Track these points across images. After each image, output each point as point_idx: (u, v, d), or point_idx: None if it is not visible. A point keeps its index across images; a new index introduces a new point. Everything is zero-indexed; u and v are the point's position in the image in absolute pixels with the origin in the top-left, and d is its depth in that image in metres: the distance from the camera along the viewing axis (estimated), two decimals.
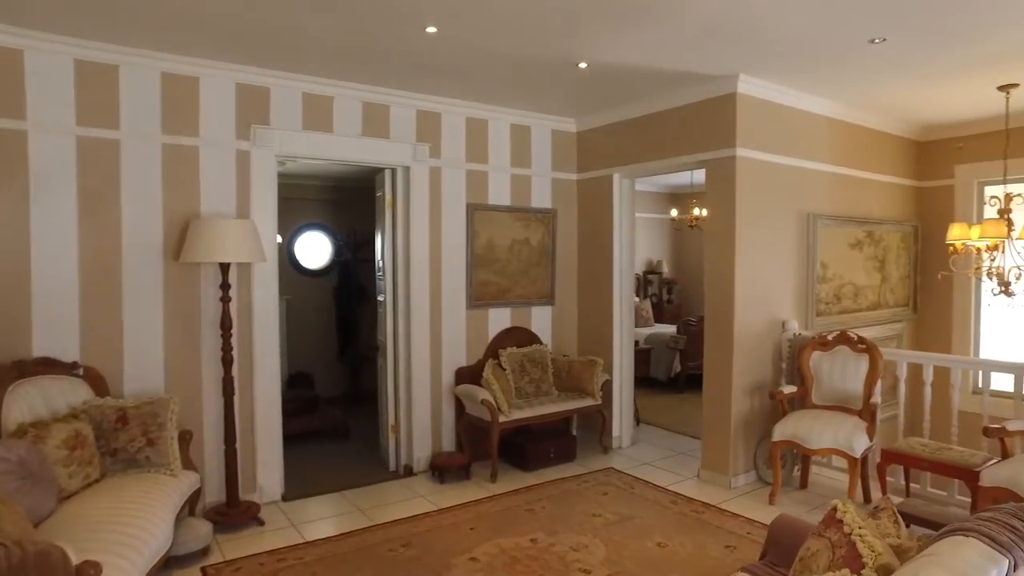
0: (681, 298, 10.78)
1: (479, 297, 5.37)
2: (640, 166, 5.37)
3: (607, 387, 5.51)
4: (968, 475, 3.78)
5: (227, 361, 4.01)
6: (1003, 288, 4.98)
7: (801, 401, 4.68)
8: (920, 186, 6.40)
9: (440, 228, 5.13)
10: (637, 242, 6.45)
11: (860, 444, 4.12)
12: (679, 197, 10.09)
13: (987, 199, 5.09)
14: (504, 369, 5.24)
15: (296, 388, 6.52)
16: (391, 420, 5.18)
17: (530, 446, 5.13)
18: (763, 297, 4.87)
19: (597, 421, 5.52)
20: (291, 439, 4.91)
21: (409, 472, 5.04)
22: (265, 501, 4.34)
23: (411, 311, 5.02)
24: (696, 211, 8.17)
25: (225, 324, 3.98)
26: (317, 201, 7.81)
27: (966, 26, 3.66)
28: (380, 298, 5.32)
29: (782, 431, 4.36)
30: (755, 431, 4.87)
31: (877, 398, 4.33)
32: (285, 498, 4.48)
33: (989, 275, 5.04)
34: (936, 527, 3.89)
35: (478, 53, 4.02)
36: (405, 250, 5.04)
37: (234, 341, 4.06)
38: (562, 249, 5.85)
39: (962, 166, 6.16)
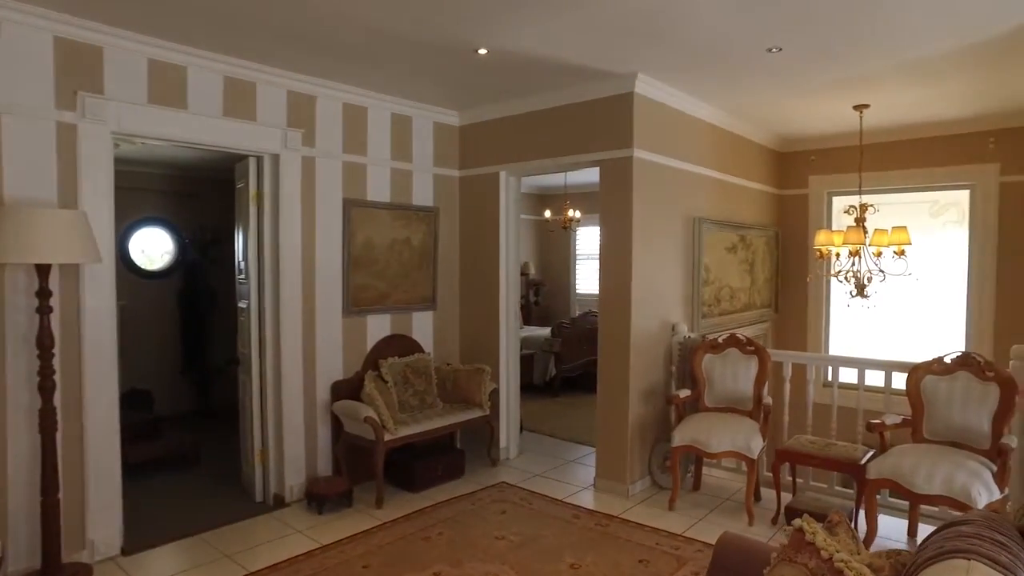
0: (548, 299, 10.79)
1: (357, 303, 4.83)
2: (530, 164, 5.14)
3: (495, 396, 5.22)
4: (855, 468, 3.95)
5: (46, 388, 3.17)
6: (859, 290, 5.36)
7: (694, 404, 4.69)
8: (780, 194, 6.81)
9: (314, 226, 4.54)
10: None
11: (757, 445, 4.17)
12: (551, 198, 10.08)
13: (845, 208, 5.45)
14: (386, 381, 4.76)
15: (130, 409, 5.52)
16: (257, 444, 4.49)
17: (417, 465, 4.70)
18: (655, 300, 4.83)
19: (484, 433, 5.21)
20: (128, 472, 4.06)
21: (280, 503, 4.40)
22: (99, 559, 3.52)
23: (281, 319, 4.38)
24: (571, 212, 8.16)
25: (44, 342, 3.15)
26: (157, 192, 6.77)
27: (844, 46, 3.82)
28: (242, 304, 4.61)
29: (682, 436, 4.32)
30: (649, 436, 4.82)
31: (768, 399, 4.43)
32: (126, 551, 3.66)
33: (847, 278, 5.41)
34: (821, 518, 4.02)
35: (364, 28, 3.54)
36: (274, 250, 4.38)
37: (56, 363, 3.23)
38: (444, 250, 5.46)
39: (815, 177, 6.63)
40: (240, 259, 4.62)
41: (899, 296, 6.05)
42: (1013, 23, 3.50)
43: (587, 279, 10.59)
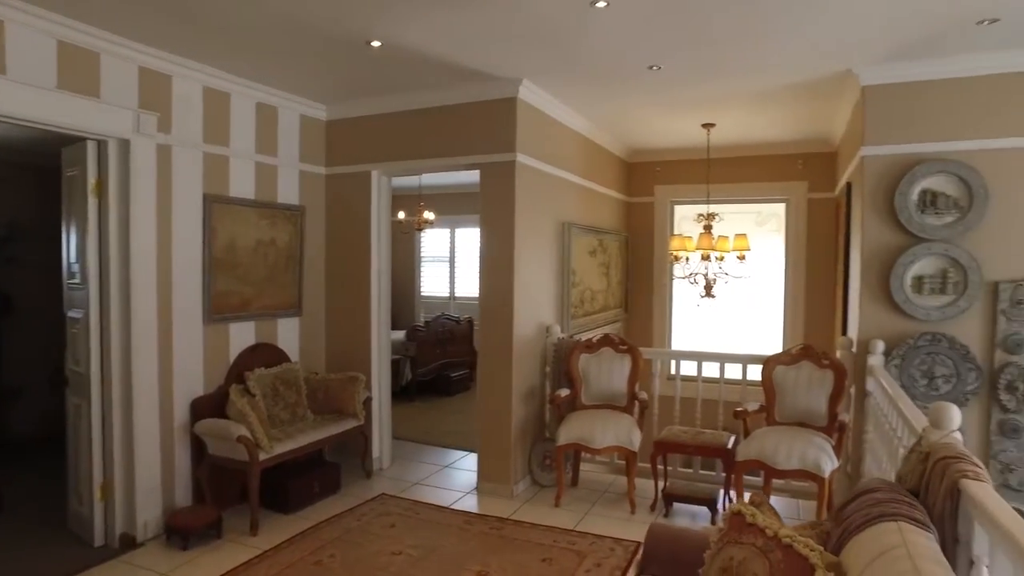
0: (393, 303, 10.52)
1: (219, 309, 4.35)
2: (405, 164, 4.99)
3: (368, 405, 4.99)
4: (724, 452, 4.35)
5: None
6: (707, 291, 5.93)
7: (571, 403, 4.86)
8: (629, 201, 7.30)
9: (170, 223, 4.01)
10: None
11: (637, 438, 4.43)
12: (403, 199, 9.84)
13: (695, 216, 5.99)
14: (254, 395, 4.33)
15: None
16: (97, 477, 3.84)
17: (292, 483, 4.33)
18: (532, 302, 4.93)
19: (357, 443, 4.95)
20: None
21: (130, 544, 3.80)
22: None
23: (132, 330, 3.79)
24: (425, 214, 8.05)
25: None
26: None
27: (712, 70, 4.21)
28: (74, 314, 3.93)
29: (567, 434, 4.45)
30: (529, 436, 4.90)
31: (643, 394, 4.72)
32: None
33: (696, 280, 5.95)
34: (698, 502, 4.38)
35: (247, 4, 3.20)
36: (122, 251, 3.79)
37: None
38: (310, 252, 5.11)
39: (660, 186, 7.20)
40: (71, 260, 3.94)
41: (739, 296, 6.78)
42: (821, 73, 4.19)
43: (433, 282, 10.53)
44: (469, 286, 10.35)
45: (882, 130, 4.06)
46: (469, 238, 10.34)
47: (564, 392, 4.76)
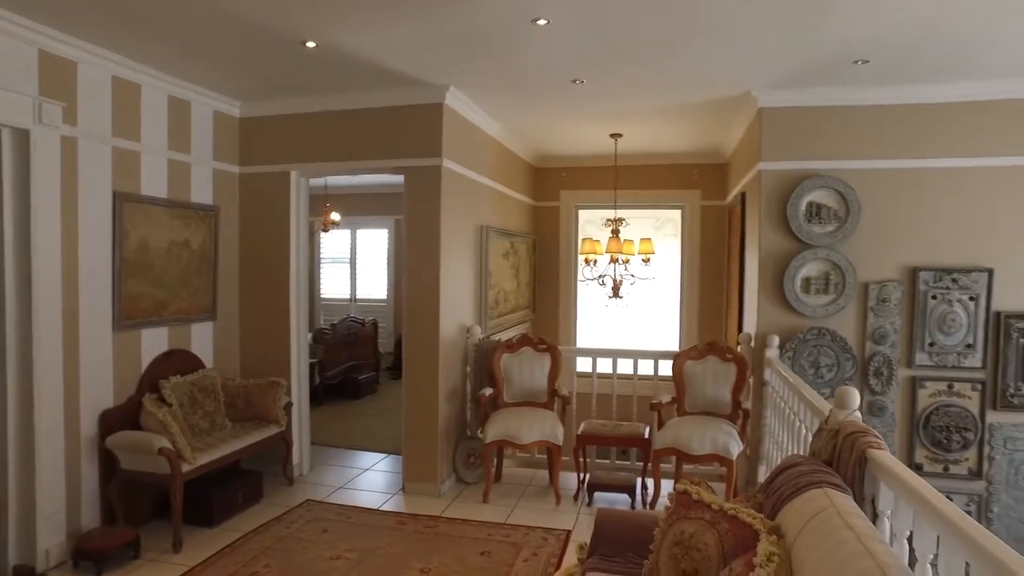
0: None
1: (130, 315, 4.09)
2: (326, 165, 4.92)
3: (289, 410, 4.87)
4: (641, 442, 4.67)
5: None
6: (615, 292, 6.29)
7: (493, 402, 5.00)
8: (536, 205, 7.56)
9: (76, 223, 3.72)
10: None
11: (560, 433, 4.65)
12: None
13: (604, 221, 6.33)
14: (170, 405, 4.12)
15: None
16: None
17: (216, 494, 4.16)
18: (455, 304, 5.02)
19: (278, 450, 4.82)
20: None
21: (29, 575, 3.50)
22: None
23: (33, 338, 3.49)
24: (332, 215, 7.91)
25: None
26: None
27: (629, 85, 4.51)
28: None
29: (495, 431, 4.59)
30: (453, 435, 5.00)
31: (564, 390, 4.95)
32: None
33: (604, 282, 6.30)
34: (618, 489, 4.66)
35: None
36: (20, 250, 3.47)
37: None
38: (224, 254, 4.91)
39: (566, 192, 7.52)
40: None
41: (643, 297, 7.21)
42: (724, 94, 4.67)
43: (333, 284, 10.31)
44: (371, 288, 10.23)
45: (776, 148, 4.54)
46: (371, 239, 10.22)
47: (488, 391, 4.89)
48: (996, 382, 4.34)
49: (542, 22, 3.30)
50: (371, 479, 5.12)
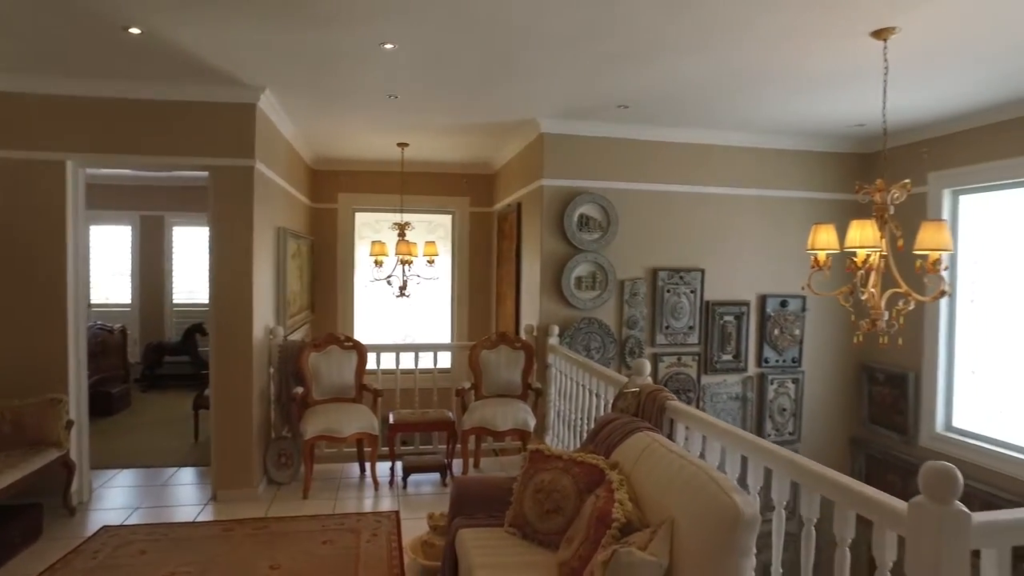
0: None
1: None
2: (113, 158, 4.50)
3: (70, 430, 4.36)
4: (449, 425, 5.20)
5: None
6: (401, 291, 6.72)
7: (303, 401, 5.07)
8: (314, 206, 7.58)
9: None
10: None
11: (376, 424, 4.95)
12: None
13: (391, 224, 6.71)
14: None
15: None
16: None
17: None
18: (261, 306, 4.99)
19: (57, 478, 4.28)
20: None
21: None
22: None
23: None
24: None
25: None
26: None
27: (432, 100, 4.97)
28: None
29: (315, 427, 4.72)
30: (264, 436, 4.96)
31: (375, 384, 5.24)
32: None
33: (391, 282, 6.69)
34: (431, 470, 5.13)
35: None
36: None
37: None
38: None
39: (343, 194, 7.68)
40: None
41: (424, 296, 7.69)
42: (512, 118, 5.42)
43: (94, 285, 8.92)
44: (111, 292, 9.06)
45: (556, 167, 5.45)
46: (109, 237, 9.06)
47: (299, 390, 4.97)
48: (706, 353, 5.82)
49: (389, 47, 3.63)
50: (170, 494, 4.81)
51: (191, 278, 9.34)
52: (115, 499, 4.70)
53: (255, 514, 4.38)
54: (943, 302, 5.13)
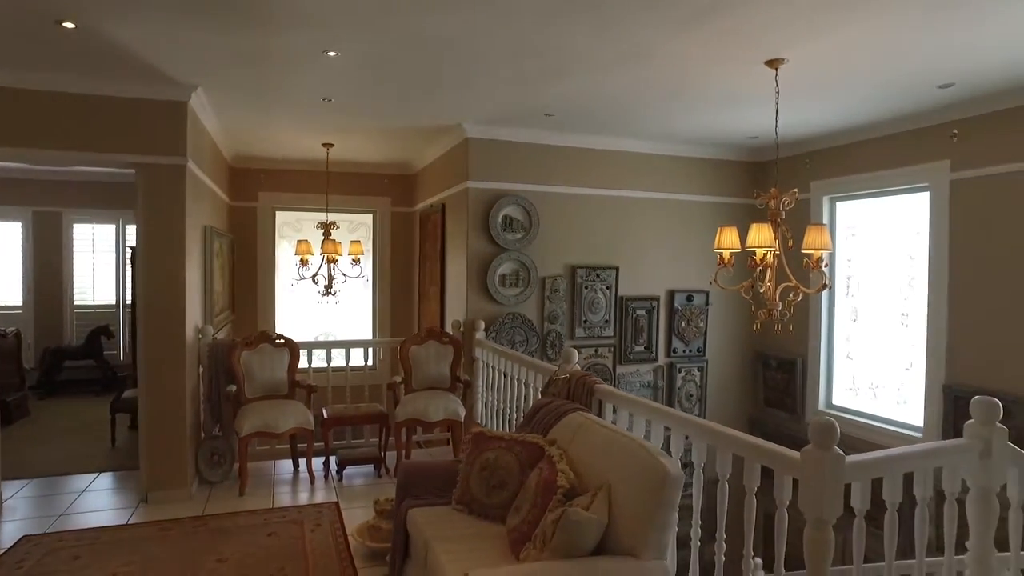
0: None
1: None
2: (26, 152, 4.35)
3: None
4: (382, 418, 5.37)
5: None
6: (327, 290, 6.79)
7: (236, 399, 5.09)
8: (232, 204, 7.46)
9: None
10: None
11: (311, 419, 5.05)
12: None
13: (315, 224, 6.75)
14: None
15: None
16: None
17: None
18: (191, 305, 4.96)
19: None
20: None
21: None
22: None
23: None
24: None
25: None
26: None
27: (363, 104, 5.16)
28: None
29: (251, 425, 4.77)
30: (195, 437, 4.94)
31: (307, 380, 5.32)
32: None
33: (316, 280, 6.75)
34: (366, 462, 5.28)
35: None
36: None
37: None
38: None
39: (264, 193, 7.62)
40: None
41: (350, 294, 7.73)
42: (438, 123, 5.67)
43: None
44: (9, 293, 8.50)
45: (481, 170, 5.73)
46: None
47: (232, 388, 4.99)
48: (621, 345, 6.29)
49: (332, 54, 3.78)
50: (94, 500, 4.69)
51: (94, 279, 8.90)
52: (31, 509, 4.54)
53: (192, 513, 4.38)
54: (824, 295, 5.84)
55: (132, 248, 7.57)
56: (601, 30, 3.42)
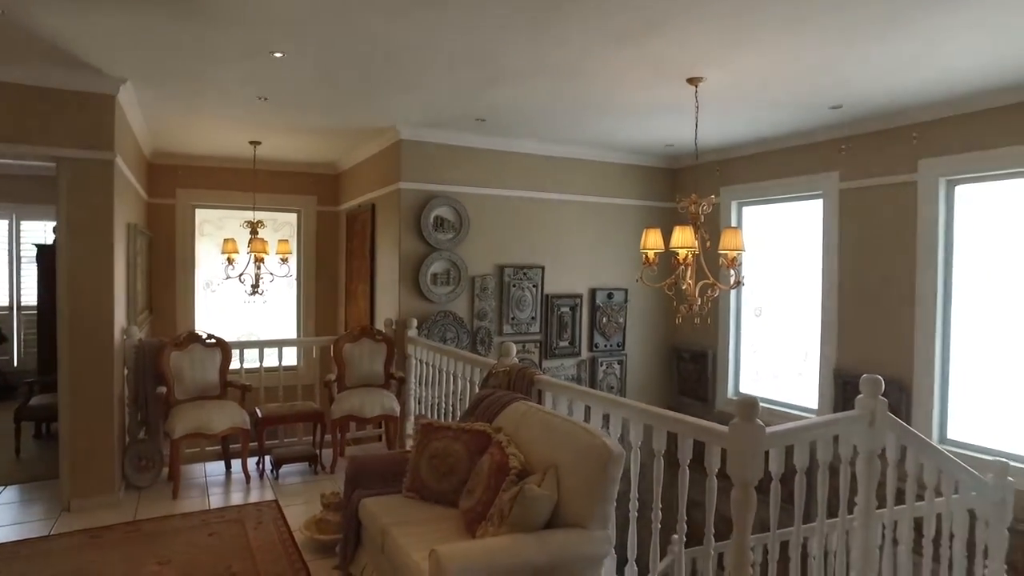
0: None
1: None
2: None
3: None
4: (318, 415, 5.40)
5: None
6: (254, 288, 6.71)
7: (166, 399, 4.97)
8: (150, 201, 7.19)
9: None
10: None
11: (247, 419, 5.01)
12: None
13: (242, 222, 6.65)
14: None
15: None
16: None
17: None
18: (117, 306, 4.81)
19: None
20: None
21: None
22: None
23: None
24: None
25: None
26: None
27: (302, 104, 5.18)
28: None
29: (184, 426, 4.70)
30: (122, 440, 4.80)
31: (242, 380, 5.27)
32: None
33: (243, 279, 6.66)
34: (301, 460, 5.31)
35: None
36: None
37: None
38: None
39: (182, 190, 7.39)
40: None
41: (277, 293, 7.61)
42: (373, 125, 5.79)
43: None
44: None
45: (413, 171, 5.86)
46: None
47: (162, 390, 4.89)
48: (547, 341, 6.60)
49: (278, 55, 3.83)
50: (3, 515, 4.44)
51: None
52: None
53: (123, 519, 4.28)
54: (732, 293, 6.37)
55: (39, 246, 7.15)
56: (538, 44, 3.67)
